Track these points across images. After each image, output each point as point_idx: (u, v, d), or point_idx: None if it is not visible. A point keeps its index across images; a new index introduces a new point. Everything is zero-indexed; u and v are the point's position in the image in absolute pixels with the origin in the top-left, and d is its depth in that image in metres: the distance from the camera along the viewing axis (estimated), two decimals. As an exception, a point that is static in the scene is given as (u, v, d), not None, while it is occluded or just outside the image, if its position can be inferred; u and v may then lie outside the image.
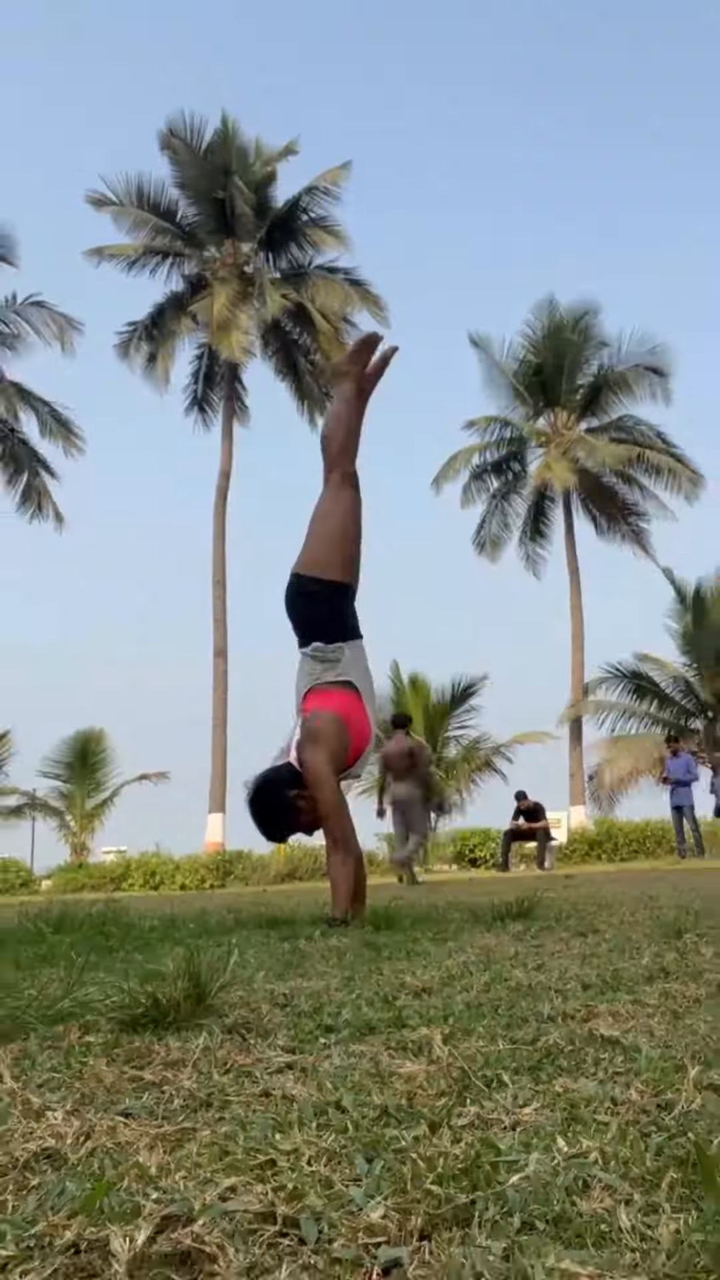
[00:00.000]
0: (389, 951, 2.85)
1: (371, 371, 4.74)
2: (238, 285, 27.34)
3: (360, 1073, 1.37)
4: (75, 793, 29.78)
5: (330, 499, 4.51)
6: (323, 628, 4.32)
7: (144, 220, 27.43)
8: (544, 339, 29.20)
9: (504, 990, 2.04)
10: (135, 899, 12.15)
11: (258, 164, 27.50)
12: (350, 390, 4.68)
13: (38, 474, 26.85)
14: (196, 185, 27.27)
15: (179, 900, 9.70)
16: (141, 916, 4.65)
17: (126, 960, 2.81)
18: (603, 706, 27.47)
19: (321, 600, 4.34)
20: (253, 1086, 1.33)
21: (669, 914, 3.82)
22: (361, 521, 4.53)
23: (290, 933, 3.55)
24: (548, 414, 30.03)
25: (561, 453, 28.54)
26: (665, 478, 28.71)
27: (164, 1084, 1.35)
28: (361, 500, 4.54)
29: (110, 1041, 1.60)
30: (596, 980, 2.12)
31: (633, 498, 29.39)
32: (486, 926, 3.58)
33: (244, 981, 2.22)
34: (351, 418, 4.64)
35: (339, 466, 4.52)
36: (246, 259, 28.40)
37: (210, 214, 27.60)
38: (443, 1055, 1.42)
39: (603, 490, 29.41)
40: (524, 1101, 1.21)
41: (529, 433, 29.98)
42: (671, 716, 27.08)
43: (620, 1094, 1.22)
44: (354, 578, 4.46)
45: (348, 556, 4.44)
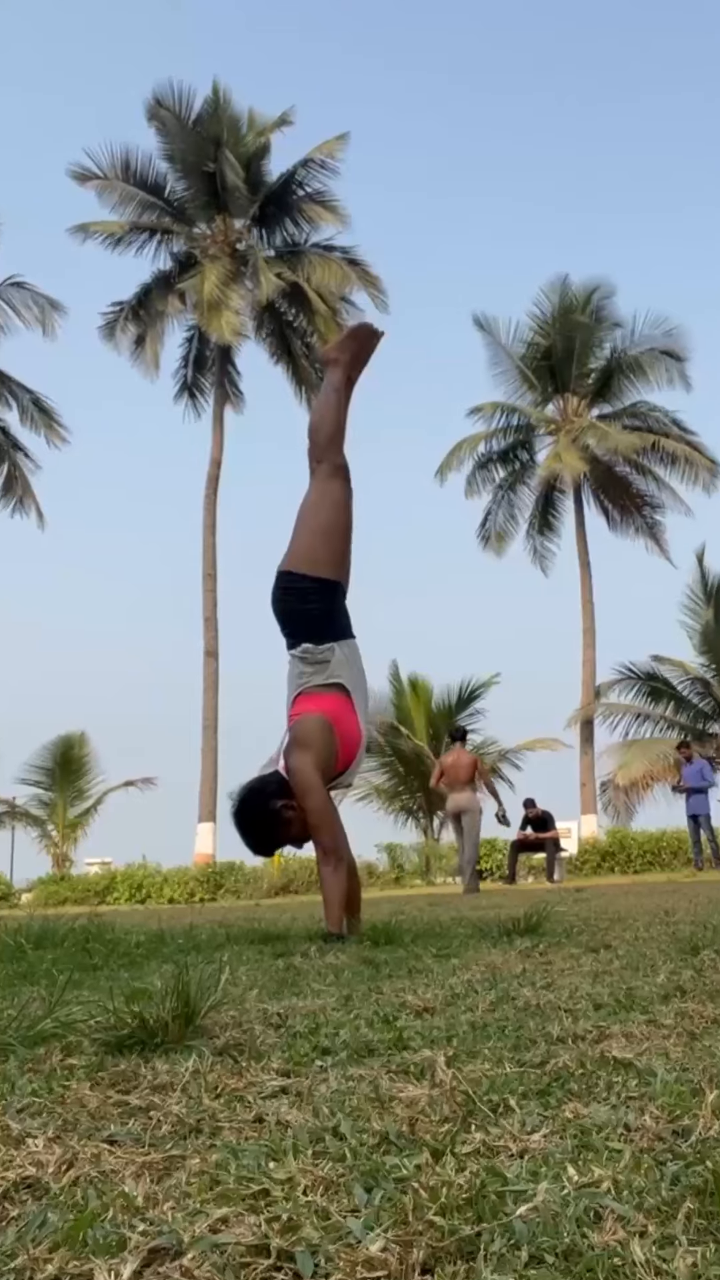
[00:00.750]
0: (389, 969, 2.85)
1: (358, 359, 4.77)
2: (229, 264, 27.34)
3: (359, 1097, 1.37)
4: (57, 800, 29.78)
5: (319, 491, 4.51)
6: (312, 627, 4.32)
7: (130, 195, 27.42)
8: (553, 320, 29.17)
9: (511, 1010, 2.04)
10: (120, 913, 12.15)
11: (250, 135, 27.49)
12: (339, 378, 4.70)
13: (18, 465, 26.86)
14: (185, 158, 27.26)
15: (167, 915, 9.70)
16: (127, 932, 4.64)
17: (111, 978, 2.80)
18: (615, 709, 27.48)
19: (311, 598, 4.34)
20: (245, 1112, 1.33)
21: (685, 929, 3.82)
22: (352, 515, 4.53)
23: (284, 949, 3.55)
24: (557, 400, 30.03)
25: (571, 441, 28.54)
26: (681, 467, 28.71)
27: (151, 1109, 1.35)
28: (352, 492, 4.55)
29: (94, 1064, 1.60)
30: (609, 999, 2.12)
31: (647, 488, 29.41)
32: (492, 942, 3.58)
33: (236, 1001, 2.22)
34: (341, 407, 4.66)
35: (328, 457, 4.52)
36: (238, 236, 28.39)
37: (200, 188, 27.59)
38: (446, 1079, 1.42)
39: (615, 480, 29.41)
40: (532, 1128, 1.21)
41: (537, 420, 29.98)
42: (688, 720, 27.09)
43: (634, 1120, 1.22)
44: (345, 574, 4.46)
45: (338, 552, 4.44)
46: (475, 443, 29.74)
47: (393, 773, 27.04)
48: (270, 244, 28.54)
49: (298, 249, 28.08)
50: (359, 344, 4.81)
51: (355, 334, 4.87)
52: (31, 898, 23.38)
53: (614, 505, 29.78)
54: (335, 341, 4.93)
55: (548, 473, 28.97)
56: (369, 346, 4.83)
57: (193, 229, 28.38)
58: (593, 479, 29.28)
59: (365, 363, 4.81)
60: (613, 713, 27.49)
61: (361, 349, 4.81)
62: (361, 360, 4.80)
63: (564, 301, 29.21)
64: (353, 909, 4.29)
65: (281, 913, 8.23)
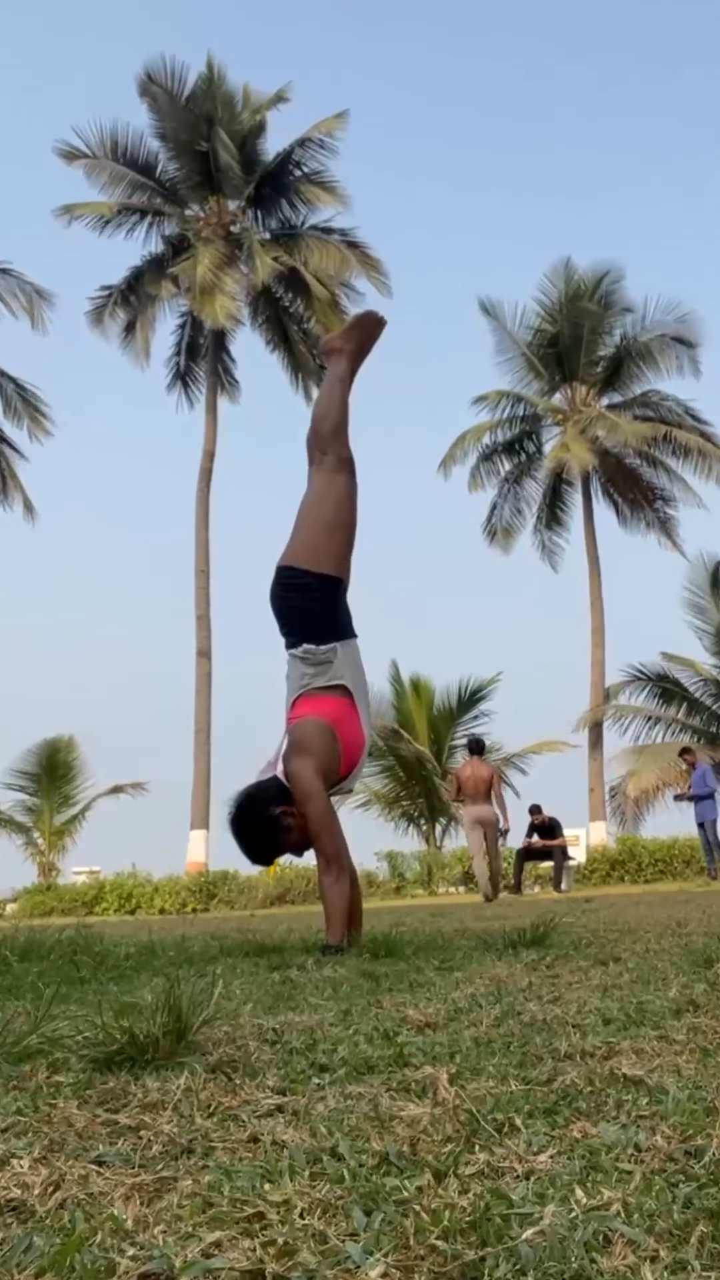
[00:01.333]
0: (389, 982, 2.85)
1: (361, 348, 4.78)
2: (223, 247, 27.34)
3: (358, 1116, 1.37)
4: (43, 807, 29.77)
5: (323, 484, 4.52)
6: (313, 626, 4.32)
7: (120, 175, 27.43)
8: (560, 306, 29.20)
9: (516, 1025, 2.04)
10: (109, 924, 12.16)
11: (245, 113, 27.49)
12: (344, 369, 4.71)
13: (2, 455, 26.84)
14: (178, 137, 27.27)
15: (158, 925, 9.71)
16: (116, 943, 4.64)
17: (100, 992, 2.81)
18: (625, 712, 27.50)
19: (312, 595, 4.34)
20: (239, 1131, 1.33)
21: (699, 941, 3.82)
22: (357, 510, 4.54)
23: (280, 961, 3.55)
24: (564, 388, 30.05)
25: (579, 431, 28.56)
26: (694, 459, 28.72)
27: (141, 1128, 1.35)
28: (357, 487, 4.56)
29: (82, 1082, 1.60)
30: (618, 1014, 2.12)
31: (658, 481, 29.43)
32: (497, 955, 3.58)
33: (229, 1015, 2.22)
34: (345, 398, 4.67)
35: (333, 450, 4.53)
36: (233, 218, 28.40)
37: (193, 168, 27.60)
38: (449, 1097, 1.42)
39: (625, 473, 29.43)
40: (538, 1148, 1.21)
41: (544, 409, 30.00)
42: (701, 723, 27.11)
43: (645, 1140, 1.22)
44: (347, 571, 4.46)
45: (341, 547, 4.44)
46: (480, 433, 29.75)
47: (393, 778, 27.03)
48: (266, 226, 28.56)
49: (295, 231, 28.09)
50: (363, 333, 4.82)
51: (360, 323, 4.88)
52: (16, 908, 23.39)
53: (624, 499, 29.80)
54: (339, 331, 4.95)
55: (555, 464, 28.98)
56: (373, 336, 4.84)
57: (185, 210, 28.40)
58: (602, 471, 29.29)
59: (368, 352, 4.83)
60: (623, 715, 27.50)
61: (366, 338, 4.82)
62: (365, 350, 4.82)
63: (571, 286, 29.22)
64: (354, 921, 4.28)
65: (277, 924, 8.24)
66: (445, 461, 29.66)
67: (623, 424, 28.21)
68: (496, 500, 30.27)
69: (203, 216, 28.39)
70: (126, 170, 27.47)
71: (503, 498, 30.27)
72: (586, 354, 29.26)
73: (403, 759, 26.61)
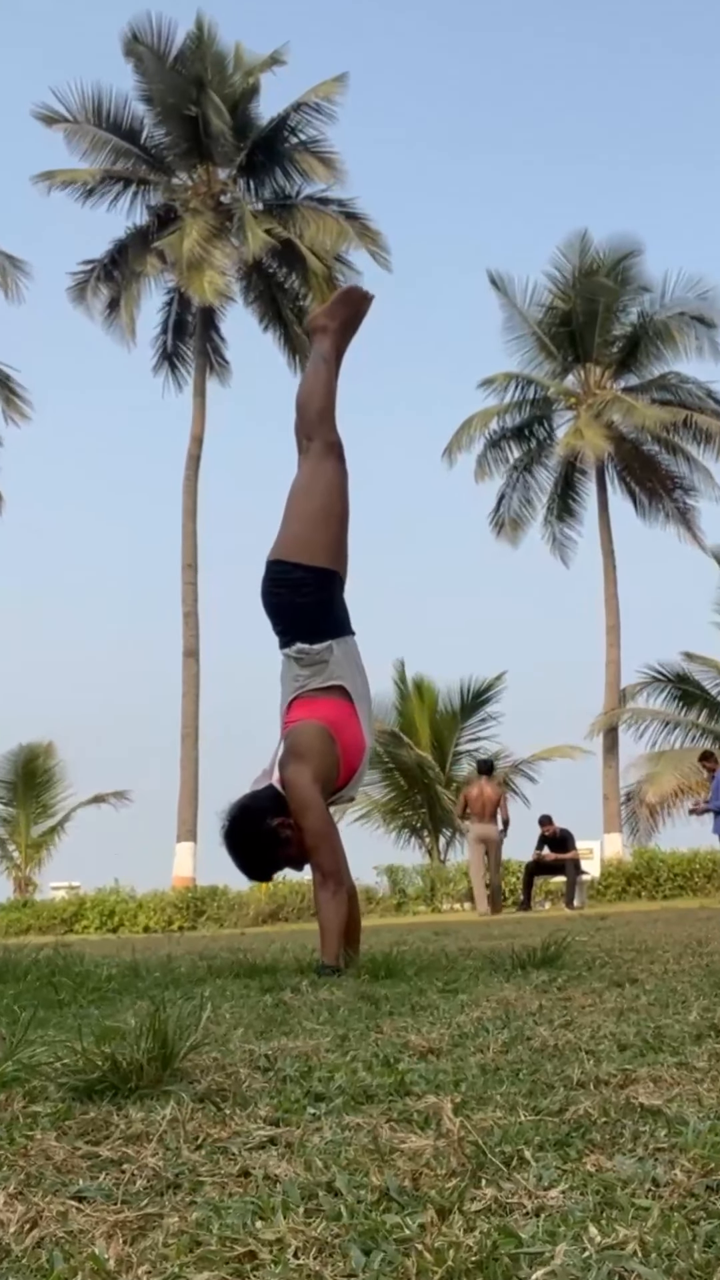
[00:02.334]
0: (390, 1005, 2.85)
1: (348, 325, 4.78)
2: (212, 218, 27.33)
3: (356, 1149, 1.37)
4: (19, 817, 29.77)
5: (311, 472, 4.52)
6: (308, 623, 4.32)
7: (102, 141, 27.42)
8: (575, 282, 29.18)
9: (526, 1051, 2.04)
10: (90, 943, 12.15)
11: (238, 75, 27.49)
12: (329, 348, 4.71)
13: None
14: (164, 100, 27.25)
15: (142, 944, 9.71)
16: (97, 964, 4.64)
17: (80, 1016, 2.80)
18: (642, 715, 27.51)
19: (305, 590, 4.34)
20: (229, 1164, 1.33)
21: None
22: (349, 498, 4.54)
23: (273, 983, 3.55)
24: (578, 370, 30.05)
25: (594, 416, 28.56)
26: (716, 446, 28.75)
27: (124, 1162, 1.35)
28: (348, 473, 4.56)
29: (61, 1112, 1.60)
30: (635, 1040, 2.12)
31: (678, 469, 29.44)
32: (505, 976, 3.58)
33: (218, 1041, 2.22)
34: (331, 379, 4.67)
35: (319, 434, 4.54)
36: (223, 187, 28.40)
37: (180, 134, 27.59)
38: (453, 1128, 1.42)
39: (642, 460, 29.44)
40: (549, 1183, 1.21)
41: (556, 392, 30.00)
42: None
43: (663, 1174, 1.22)
44: (342, 563, 4.46)
45: (334, 538, 4.44)
46: (487, 418, 29.73)
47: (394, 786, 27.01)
48: (258, 196, 28.55)
49: (289, 202, 28.08)
50: (351, 309, 4.83)
51: (347, 298, 4.89)
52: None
53: (641, 488, 29.80)
54: (325, 307, 4.95)
55: (567, 452, 28.96)
56: (361, 312, 4.84)
57: (172, 179, 28.39)
58: (618, 458, 29.29)
59: (356, 329, 4.84)
60: (640, 719, 27.50)
61: (353, 315, 4.82)
62: (352, 327, 4.82)
63: (586, 261, 29.20)
64: (352, 939, 4.28)
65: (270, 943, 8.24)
66: (450, 448, 29.66)
67: (640, 408, 28.22)
68: (505, 490, 30.29)
69: (191, 185, 28.37)
70: (109, 135, 27.45)
71: (511, 487, 30.27)
72: (602, 333, 29.25)
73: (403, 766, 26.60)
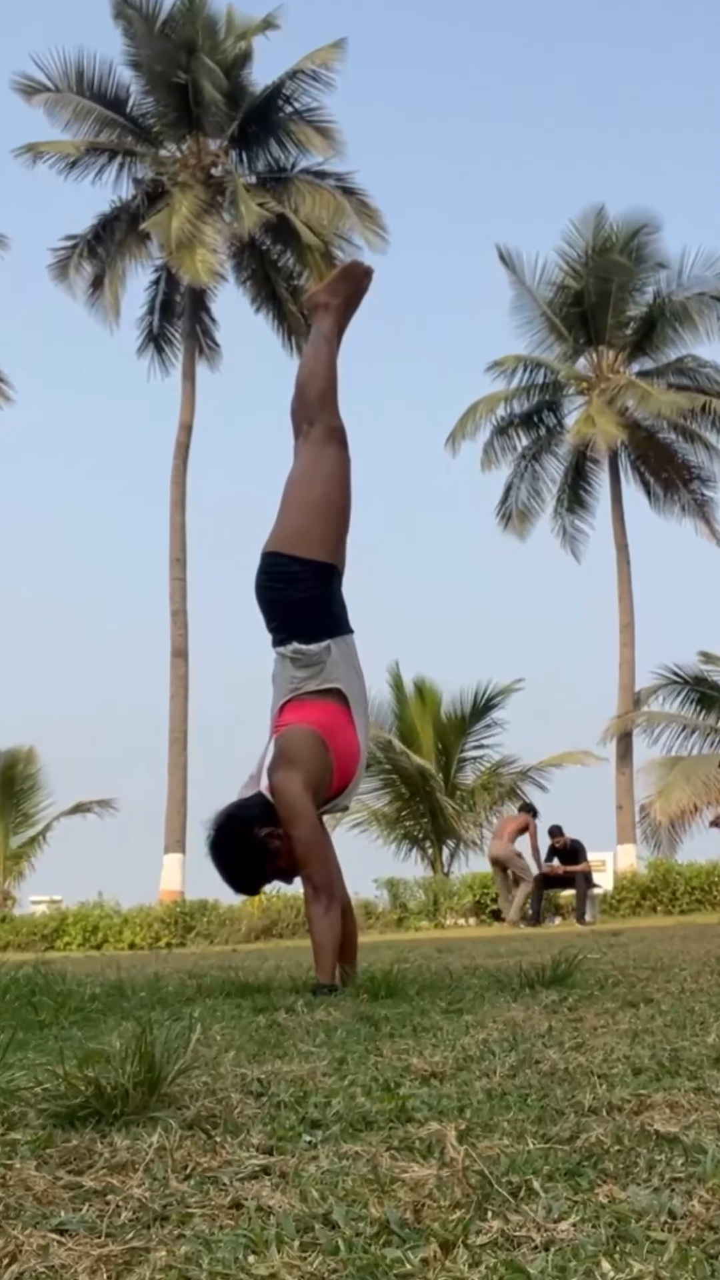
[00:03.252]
0: (390, 1027, 2.85)
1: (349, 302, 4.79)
2: (203, 192, 27.34)
3: (354, 1178, 1.37)
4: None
5: (311, 459, 4.52)
6: (303, 619, 4.32)
7: (85, 110, 27.39)
8: (587, 259, 29.18)
9: (534, 1075, 2.04)
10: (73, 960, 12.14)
11: (229, 40, 27.48)
12: (330, 326, 4.71)
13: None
14: (152, 67, 27.24)
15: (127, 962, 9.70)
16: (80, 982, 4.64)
17: (62, 1038, 2.80)
18: (658, 719, 27.50)
19: (301, 584, 4.34)
20: (220, 1195, 1.33)
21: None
22: (350, 487, 4.54)
23: (266, 1003, 3.55)
24: (590, 353, 30.05)
25: (607, 402, 28.56)
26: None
27: (109, 1192, 1.35)
28: (350, 460, 4.55)
29: (41, 1139, 1.60)
30: (650, 1063, 2.12)
31: (695, 458, 29.46)
32: (513, 995, 3.58)
33: (209, 1064, 2.22)
34: (333, 360, 4.67)
35: (320, 419, 4.53)
36: (214, 159, 28.40)
37: (170, 103, 27.58)
38: (457, 1157, 1.42)
39: (658, 449, 29.45)
40: (559, 1215, 1.21)
41: (567, 376, 29.99)
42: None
43: (680, 1205, 1.22)
44: (341, 557, 4.46)
45: (333, 530, 4.44)
46: (493, 404, 29.72)
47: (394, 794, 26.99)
48: (251, 169, 28.55)
49: (284, 175, 28.09)
50: (351, 285, 4.83)
51: (348, 273, 4.88)
52: (-33, 942, 23.37)
53: (656, 478, 29.81)
54: (325, 283, 4.94)
55: (579, 439, 28.95)
56: (362, 287, 4.84)
57: (160, 151, 28.38)
58: (632, 447, 29.30)
59: (357, 307, 4.84)
60: (655, 723, 27.49)
61: (354, 291, 4.82)
62: (354, 304, 4.82)
63: (599, 237, 29.18)
64: (349, 956, 4.29)
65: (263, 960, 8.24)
66: (454, 435, 29.65)
67: (655, 393, 28.21)
68: (512, 480, 30.28)
69: (180, 157, 28.36)
70: (93, 105, 27.42)
71: (519, 477, 30.28)
72: (615, 314, 29.25)
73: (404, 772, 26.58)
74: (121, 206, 27.99)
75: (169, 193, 27.25)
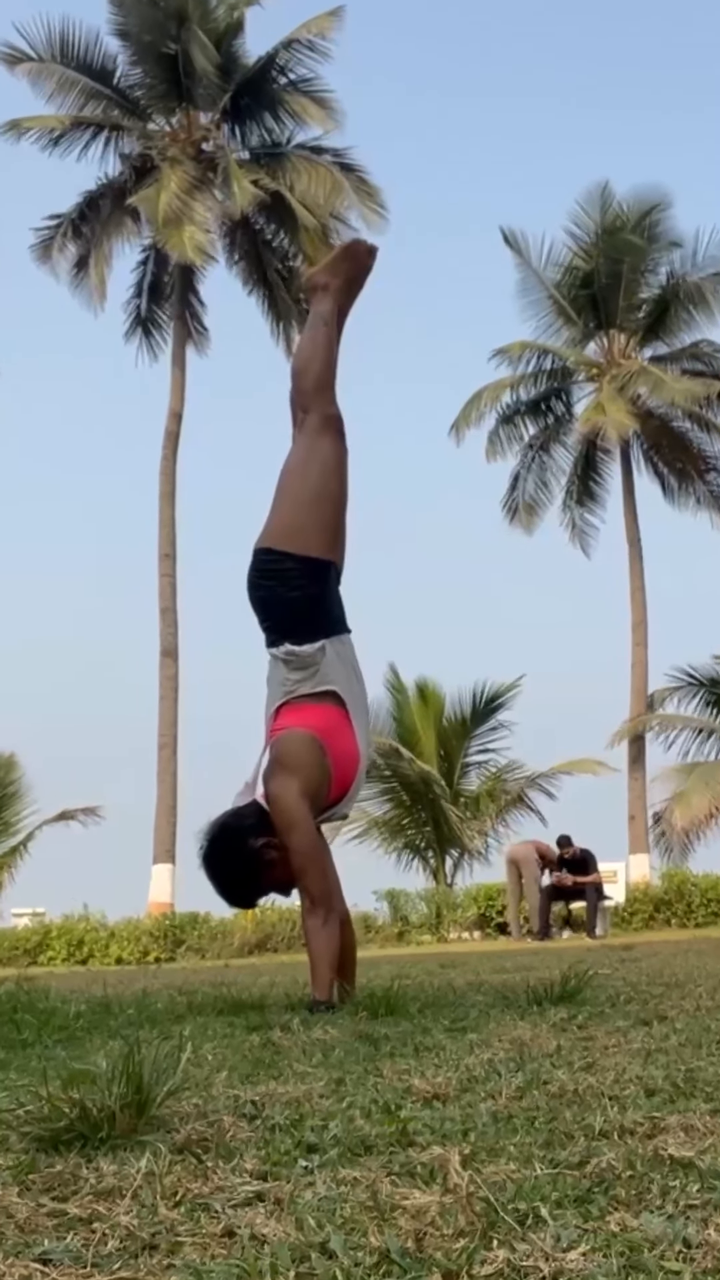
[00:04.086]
0: (390, 1046, 2.85)
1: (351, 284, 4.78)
2: (193, 168, 27.33)
3: (353, 1205, 1.37)
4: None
5: (305, 450, 4.52)
6: (297, 619, 4.32)
7: (70, 82, 27.36)
8: (597, 239, 29.17)
9: (542, 1097, 2.04)
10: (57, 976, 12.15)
11: (221, 8, 27.47)
12: (329, 309, 4.70)
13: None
14: (140, 37, 27.24)
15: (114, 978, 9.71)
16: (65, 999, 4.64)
17: (45, 1057, 2.80)
18: (672, 723, 27.48)
19: (295, 581, 4.34)
20: (211, 1223, 1.33)
21: (759, 996, 3.83)
22: (348, 479, 4.54)
23: (260, 1021, 3.56)
24: (600, 338, 30.07)
25: (618, 389, 28.55)
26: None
27: (94, 1220, 1.35)
28: (348, 451, 4.55)
29: (24, 1164, 1.60)
30: (664, 1084, 2.12)
31: (712, 448, 29.45)
32: (519, 1013, 3.59)
33: (200, 1085, 2.22)
34: (332, 343, 4.66)
35: (316, 407, 4.53)
36: (205, 133, 28.39)
37: (158, 74, 27.57)
38: (461, 1183, 1.42)
39: (672, 438, 29.45)
40: (568, 1243, 1.21)
41: (576, 362, 30.01)
42: (764, 736, 27.13)
43: (695, 1234, 1.22)
44: (338, 553, 4.46)
45: (329, 524, 4.44)
46: (499, 391, 29.72)
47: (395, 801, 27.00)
48: (244, 144, 28.55)
49: (279, 151, 28.07)
50: (354, 265, 4.81)
51: (349, 252, 4.87)
52: (-55, 957, 23.37)
53: (670, 469, 29.82)
54: (324, 263, 4.93)
55: (588, 428, 28.93)
56: (365, 268, 4.83)
57: (148, 125, 28.36)
58: (644, 436, 29.31)
59: (360, 289, 4.82)
60: (669, 727, 27.48)
61: (357, 271, 4.81)
62: (356, 286, 4.81)
63: (609, 216, 29.16)
64: (347, 971, 4.28)
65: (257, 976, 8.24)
66: (457, 424, 29.62)
67: (669, 380, 28.19)
68: (519, 471, 30.28)
69: (169, 132, 28.35)
70: (79, 76, 27.39)
71: (526, 468, 30.28)
72: (626, 296, 29.25)
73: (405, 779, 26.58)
74: (108, 183, 27.97)
75: (157, 168, 27.22)
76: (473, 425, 29.63)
